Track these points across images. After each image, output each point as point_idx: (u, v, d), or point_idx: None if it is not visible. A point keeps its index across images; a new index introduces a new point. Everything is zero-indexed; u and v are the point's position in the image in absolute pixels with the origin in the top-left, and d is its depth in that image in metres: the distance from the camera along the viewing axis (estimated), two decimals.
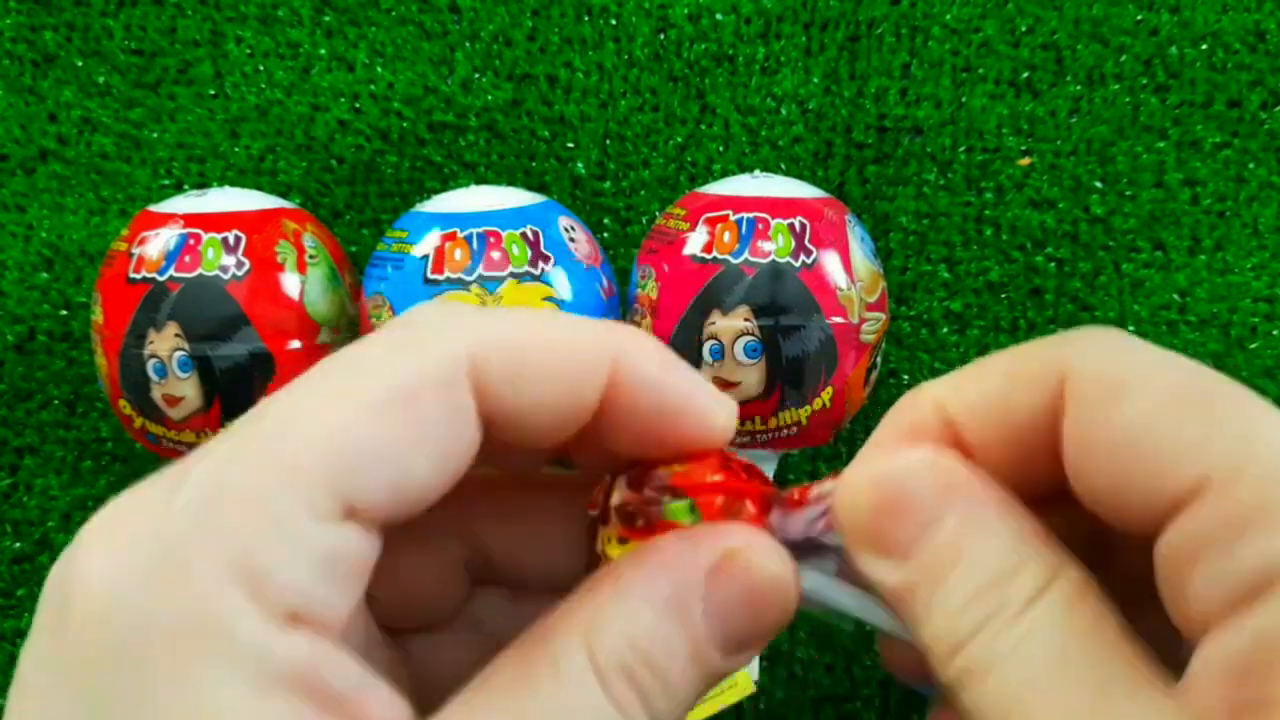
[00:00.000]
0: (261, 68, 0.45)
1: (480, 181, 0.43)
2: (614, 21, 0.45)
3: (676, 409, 0.18)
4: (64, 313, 0.44)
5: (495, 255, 0.35)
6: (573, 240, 0.37)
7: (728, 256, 0.35)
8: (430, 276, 0.35)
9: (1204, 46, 0.43)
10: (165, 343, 0.35)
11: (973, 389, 0.18)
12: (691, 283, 0.35)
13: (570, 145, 0.44)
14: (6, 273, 0.44)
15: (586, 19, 0.45)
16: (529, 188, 0.40)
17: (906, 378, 0.43)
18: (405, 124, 0.44)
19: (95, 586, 0.14)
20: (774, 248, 0.35)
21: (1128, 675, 0.15)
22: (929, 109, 0.43)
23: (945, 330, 0.43)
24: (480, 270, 0.35)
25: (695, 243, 0.36)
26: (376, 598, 0.20)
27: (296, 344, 0.36)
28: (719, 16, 0.44)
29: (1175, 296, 0.42)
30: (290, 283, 0.36)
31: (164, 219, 0.36)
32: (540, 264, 0.35)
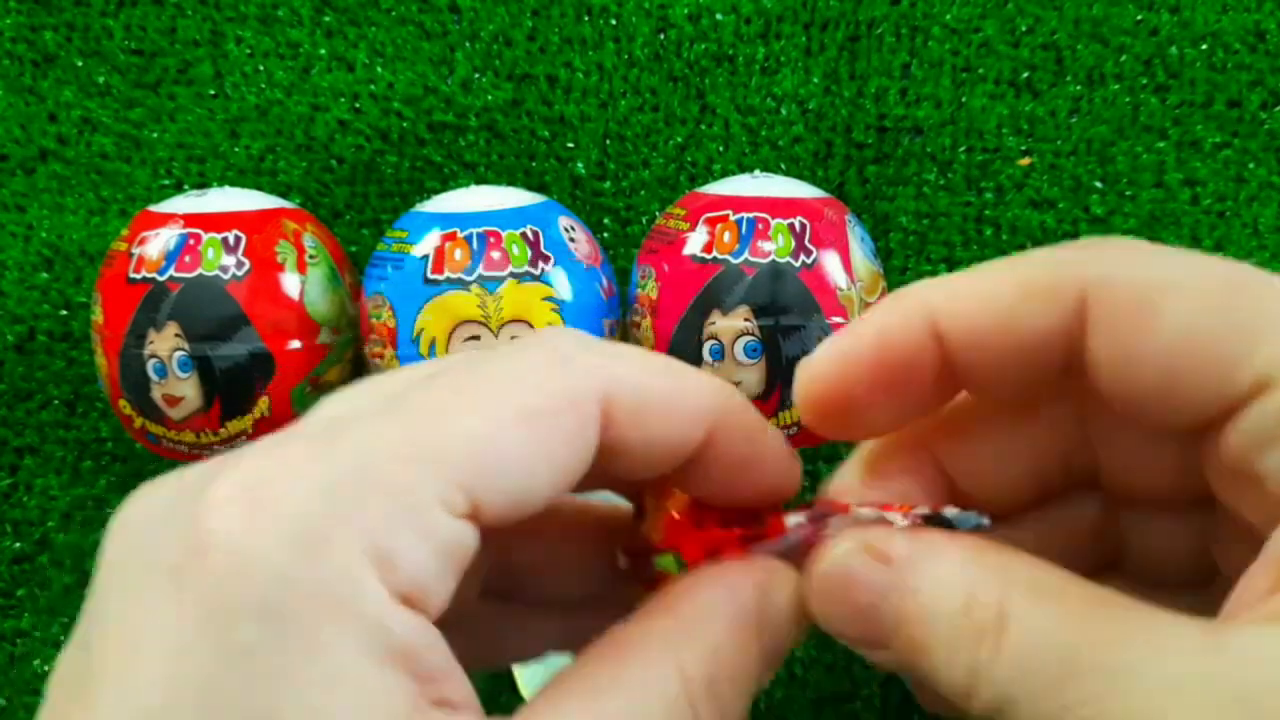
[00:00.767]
0: (261, 68, 0.45)
1: (480, 181, 0.43)
2: (614, 21, 0.45)
3: (761, 461, 0.19)
4: (64, 313, 0.44)
5: (495, 255, 0.35)
6: (573, 240, 0.37)
7: (728, 256, 0.35)
8: (430, 276, 0.35)
9: (1204, 46, 0.43)
10: (165, 343, 0.35)
11: (974, 302, 0.18)
12: (691, 283, 0.35)
13: (570, 145, 0.44)
14: (6, 273, 0.44)
15: (586, 19, 0.45)
16: (529, 188, 0.40)
17: None
18: (405, 124, 0.44)
19: (239, 542, 0.15)
20: (774, 248, 0.35)
21: (1115, 598, 0.16)
22: (929, 109, 0.43)
23: None
24: (480, 270, 0.35)
25: (695, 243, 0.36)
26: None
27: (296, 344, 0.36)
28: (719, 16, 0.44)
29: None
30: (290, 283, 0.36)
31: (164, 219, 0.36)
32: (540, 264, 0.35)
